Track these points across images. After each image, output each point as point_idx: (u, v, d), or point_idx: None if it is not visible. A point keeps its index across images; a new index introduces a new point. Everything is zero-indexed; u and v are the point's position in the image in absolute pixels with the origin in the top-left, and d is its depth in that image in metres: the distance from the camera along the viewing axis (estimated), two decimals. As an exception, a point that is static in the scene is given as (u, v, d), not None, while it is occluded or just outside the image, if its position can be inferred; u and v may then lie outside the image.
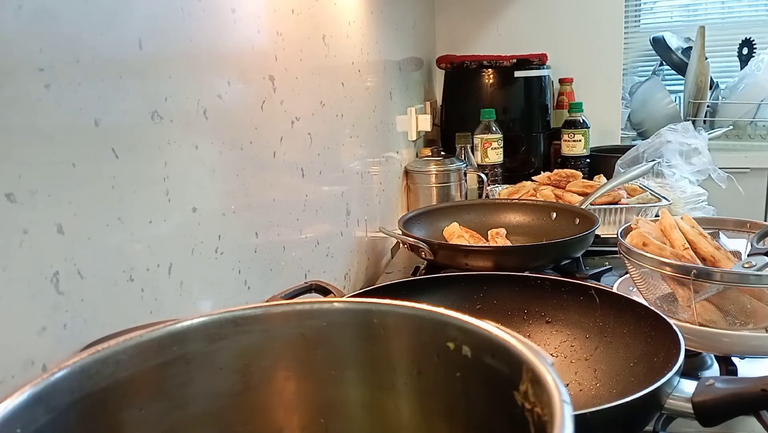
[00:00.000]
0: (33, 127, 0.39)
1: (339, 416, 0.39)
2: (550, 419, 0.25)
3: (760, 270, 0.66)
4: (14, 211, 0.37)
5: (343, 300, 0.41)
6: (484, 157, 1.51)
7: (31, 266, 0.39)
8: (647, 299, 0.73)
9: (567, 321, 0.68)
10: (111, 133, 0.46)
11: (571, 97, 1.79)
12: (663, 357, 0.55)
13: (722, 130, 1.80)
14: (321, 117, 0.88)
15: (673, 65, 2.18)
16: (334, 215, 0.95)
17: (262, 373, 0.38)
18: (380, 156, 1.22)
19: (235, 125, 0.64)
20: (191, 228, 0.56)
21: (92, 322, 0.44)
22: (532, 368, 0.29)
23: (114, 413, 0.32)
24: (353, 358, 0.38)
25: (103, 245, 0.45)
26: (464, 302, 0.71)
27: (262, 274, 0.70)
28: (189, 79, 0.56)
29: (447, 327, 0.34)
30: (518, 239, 1.13)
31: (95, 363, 0.31)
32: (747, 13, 2.34)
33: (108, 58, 0.45)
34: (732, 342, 0.67)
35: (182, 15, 0.55)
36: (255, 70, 0.69)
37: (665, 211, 0.79)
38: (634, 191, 1.26)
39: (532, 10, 1.85)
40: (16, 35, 0.38)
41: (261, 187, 0.70)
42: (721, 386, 0.47)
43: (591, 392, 0.61)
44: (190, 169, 0.56)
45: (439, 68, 1.71)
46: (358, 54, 1.08)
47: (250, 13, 0.67)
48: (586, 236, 0.96)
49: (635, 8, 2.39)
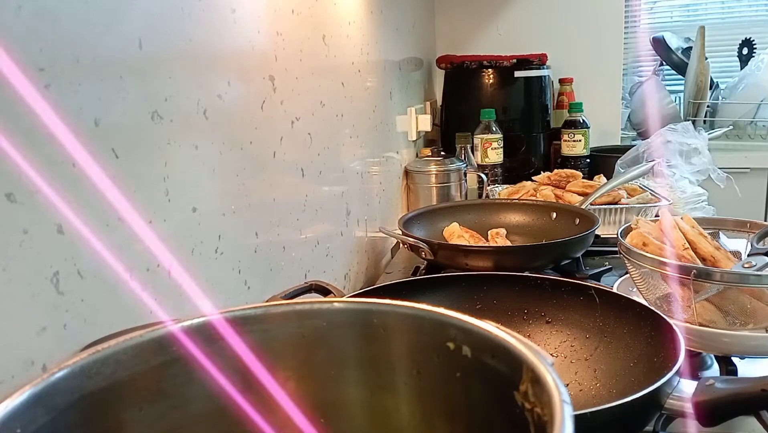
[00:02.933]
0: (33, 127, 0.39)
1: (339, 416, 0.39)
2: (550, 419, 0.25)
3: (760, 270, 0.66)
4: (14, 212, 0.37)
5: (343, 300, 0.41)
6: (484, 157, 1.51)
7: (31, 265, 0.39)
8: (647, 299, 0.73)
9: (567, 321, 0.68)
10: (111, 133, 0.46)
11: (571, 97, 1.79)
12: (663, 357, 0.55)
13: (722, 130, 1.79)
14: (321, 117, 0.88)
15: (673, 65, 2.17)
16: (334, 215, 0.95)
17: (262, 373, 0.38)
18: (380, 156, 1.22)
19: (235, 125, 0.64)
20: (191, 228, 0.56)
21: (92, 322, 0.44)
22: (532, 368, 0.28)
23: (114, 413, 0.32)
24: (353, 358, 0.38)
25: (103, 245, 0.45)
26: (464, 302, 0.71)
27: (262, 274, 0.70)
28: (189, 79, 0.56)
29: (447, 327, 0.34)
30: (518, 239, 1.13)
31: (95, 363, 0.31)
32: (747, 13, 2.33)
33: (108, 58, 0.45)
34: (732, 342, 0.67)
35: (182, 15, 0.55)
36: (255, 70, 0.69)
37: (665, 211, 0.79)
38: (634, 191, 1.26)
39: (532, 10, 1.85)
40: (16, 35, 0.38)
41: (261, 187, 0.70)
42: (721, 386, 0.47)
43: (591, 392, 0.61)
44: (190, 169, 0.56)
45: (439, 68, 1.71)
46: (358, 54, 1.08)
47: (250, 13, 0.67)
48: (586, 236, 0.96)
49: (635, 8, 2.39)
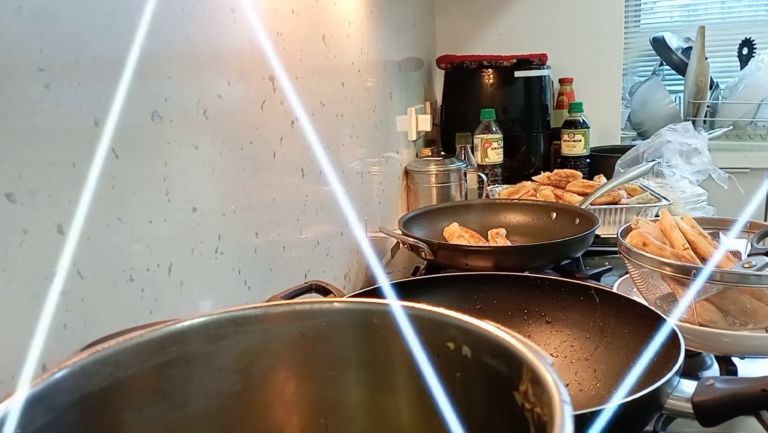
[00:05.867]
0: (33, 127, 0.39)
1: (339, 416, 0.39)
2: (550, 419, 0.25)
3: (760, 270, 0.66)
4: (14, 212, 0.37)
5: (343, 300, 0.41)
6: (484, 157, 1.51)
7: (31, 266, 0.39)
8: (647, 299, 0.73)
9: (567, 321, 0.68)
10: (111, 133, 0.46)
11: (571, 97, 1.79)
12: (663, 357, 0.55)
13: (722, 130, 1.79)
14: (321, 117, 0.88)
15: (673, 65, 2.17)
16: (334, 215, 0.95)
17: (262, 373, 0.38)
18: (380, 156, 1.22)
19: (235, 125, 0.64)
20: (191, 228, 0.56)
21: (92, 322, 0.44)
22: (532, 368, 0.28)
23: (114, 413, 0.32)
24: (353, 358, 0.38)
25: (103, 245, 0.45)
26: (464, 302, 0.71)
27: (262, 274, 0.70)
28: (189, 79, 0.56)
29: (447, 327, 0.34)
30: (518, 239, 1.13)
31: (95, 363, 0.31)
32: (747, 13, 2.33)
33: (108, 58, 0.45)
34: (732, 342, 0.67)
35: (182, 15, 0.55)
36: (255, 70, 0.69)
37: (665, 212, 0.79)
38: (634, 191, 1.26)
39: (532, 10, 1.85)
40: (16, 35, 0.38)
41: (261, 187, 0.70)
42: (721, 386, 0.47)
43: (591, 392, 0.61)
44: (190, 169, 0.56)
45: (439, 68, 1.71)
46: (358, 54, 1.08)
47: (250, 13, 0.67)
48: (586, 236, 0.96)
49: (635, 8, 2.39)
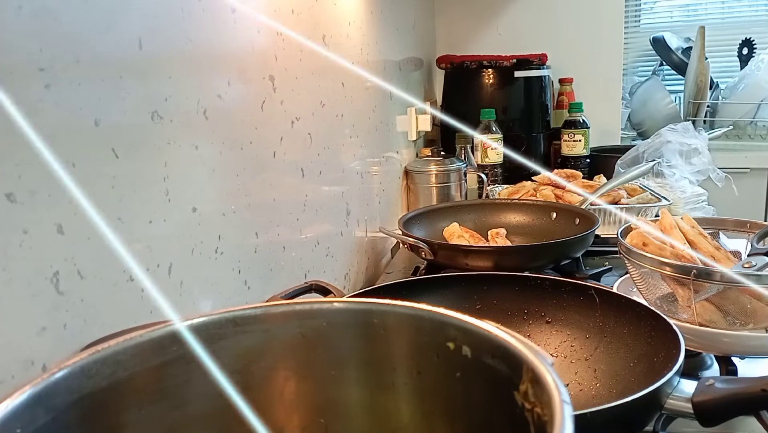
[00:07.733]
0: (33, 127, 0.39)
1: (339, 416, 0.39)
2: (550, 419, 0.25)
3: (760, 270, 0.66)
4: (14, 212, 0.37)
5: (343, 300, 0.41)
6: (484, 157, 1.51)
7: (31, 266, 0.39)
8: (647, 299, 0.73)
9: (567, 321, 0.68)
10: (111, 133, 0.46)
11: (571, 97, 1.79)
12: (663, 357, 0.55)
13: (722, 130, 1.79)
14: (321, 117, 0.88)
15: (673, 65, 2.17)
16: (334, 215, 0.95)
17: (262, 373, 0.38)
18: (380, 156, 1.22)
19: (235, 125, 0.64)
20: (191, 228, 0.56)
21: (92, 322, 0.44)
22: (532, 368, 0.28)
23: (114, 413, 0.32)
24: (353, 358, 0.38)
25: (103, 245, 0.45)
26: (464, 302, 0.71)
27: (262, 274, 0.70)
28: (189, 79, 0.56)
29: (447, 327, 0.34)
30: (518, 239, 1.13)
31: (95, 363, 0.31)
32: (747, 13, 2.33)
33: (108, 58, 0.45)
34: (732, 342, 0.67)
35: (182, 15, 0.55)
36: (255, 70, 0.69)
37: (665, 212, 0.79)
38: (634, 191, 1.26)
39: (532, 10, 1.85)
40: (16, 35, 0.38)
41: (261, 187, 0.70)
42: (721, 386, 0.47)
43: (591, 392, 0.61)
44: (190, 169, 0.56)
45: (439, 68, 1.71)
46: (358, 54, 1.08)
47: (250, 13, 0.67)
48: (586, 236, 0.96)
49: (635, 8, 2.39)
